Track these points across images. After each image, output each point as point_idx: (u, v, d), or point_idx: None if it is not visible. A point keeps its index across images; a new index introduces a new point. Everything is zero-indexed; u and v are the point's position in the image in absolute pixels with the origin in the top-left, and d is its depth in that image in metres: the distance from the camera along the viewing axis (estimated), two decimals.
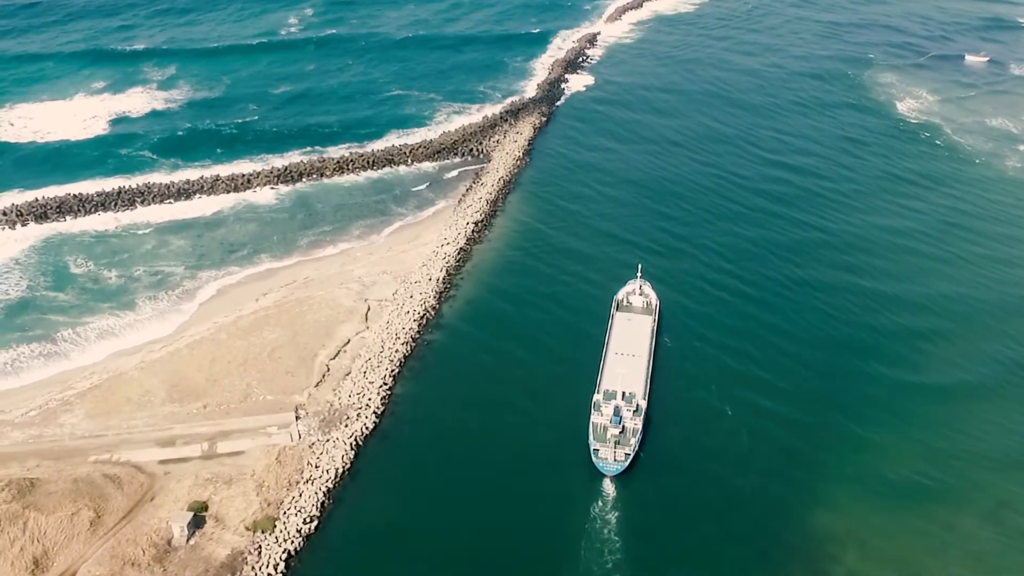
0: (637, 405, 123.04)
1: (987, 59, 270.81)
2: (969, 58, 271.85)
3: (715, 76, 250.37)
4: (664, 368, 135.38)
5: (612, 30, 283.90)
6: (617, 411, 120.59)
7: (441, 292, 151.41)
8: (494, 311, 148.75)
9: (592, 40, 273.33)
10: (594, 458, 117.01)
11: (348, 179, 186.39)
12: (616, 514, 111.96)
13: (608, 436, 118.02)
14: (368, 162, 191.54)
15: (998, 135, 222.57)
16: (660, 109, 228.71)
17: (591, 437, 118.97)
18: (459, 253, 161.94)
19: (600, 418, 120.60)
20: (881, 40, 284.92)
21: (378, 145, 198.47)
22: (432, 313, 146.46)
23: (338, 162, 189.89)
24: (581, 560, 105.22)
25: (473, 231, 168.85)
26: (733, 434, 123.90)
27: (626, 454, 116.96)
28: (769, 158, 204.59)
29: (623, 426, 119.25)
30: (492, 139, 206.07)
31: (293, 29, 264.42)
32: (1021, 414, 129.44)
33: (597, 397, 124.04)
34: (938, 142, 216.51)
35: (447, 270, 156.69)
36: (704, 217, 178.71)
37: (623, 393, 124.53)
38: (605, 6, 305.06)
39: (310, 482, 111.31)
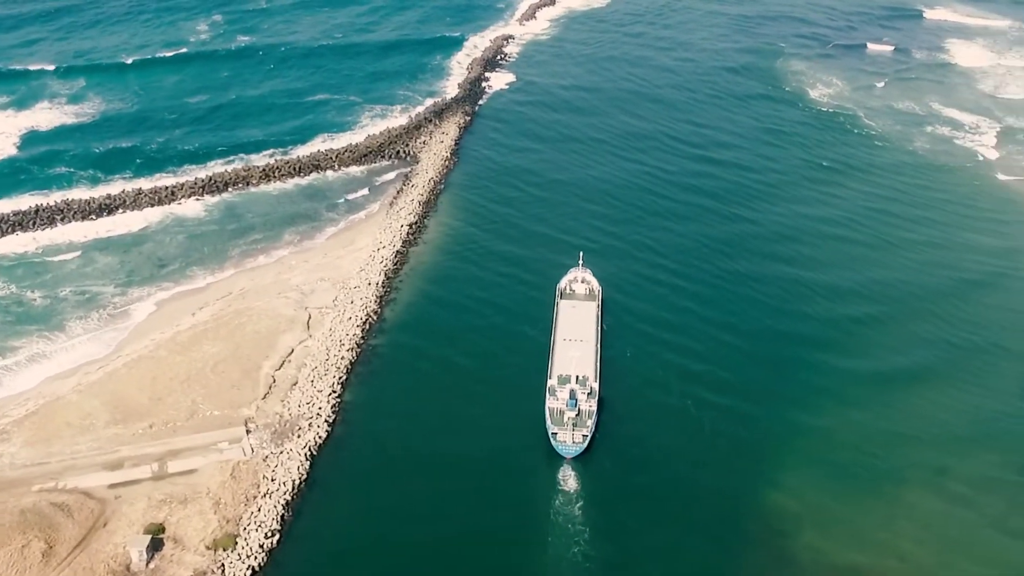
0: (591, 388, 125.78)
1: (892, 47, 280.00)
2: (872, 46, 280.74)
3: (632, 73, 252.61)
4: (611, 353, 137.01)
5: (528, 28, 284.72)
6: (572, 394, 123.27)
7: (382, 296, 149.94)
8: (437, 312, 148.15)
9: (509, 38, 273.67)
10: (553, 441, 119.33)
11: (276, 187, 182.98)
12: (579, 493, 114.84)
13: (565, 419, 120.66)
14: (295, 169, 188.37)
15: (906, 119, 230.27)
16: (581, 107, 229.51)
17: (548, 421, 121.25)
18: (396, 256, 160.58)
19: (556, 402, 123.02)
20: (789, 31, 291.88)
21: (303, 151, 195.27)
22: (375, 318, 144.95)
23: (264, 170, 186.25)
24: (550, 542, 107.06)
25: (408, 233, 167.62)
26: (683, 414, 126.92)
27: (584, 436, 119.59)
28: (693, 152, 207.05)
29: (579, 409, 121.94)
30: (418, 140, 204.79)
31: (204, 36, 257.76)
32: (956, 390, 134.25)
33: (551, 383, 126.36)
34: (852, 128, 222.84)
35: (386, 274, 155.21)
36: (635, 214, 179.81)
37: (576, 377, 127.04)
38: (519, 5, 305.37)
39: (268, 496, 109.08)
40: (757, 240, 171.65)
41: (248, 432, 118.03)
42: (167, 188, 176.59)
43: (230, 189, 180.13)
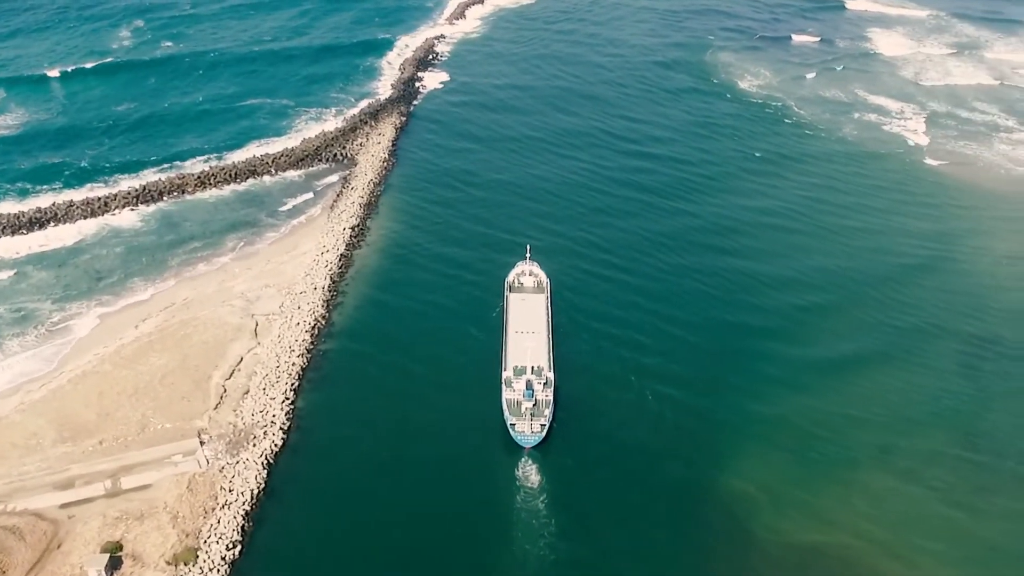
0: (547, 378, 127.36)
1: (817, 38, 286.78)
2: (797, 38, 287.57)
3: (564, 70, 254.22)
4: (562, 344, 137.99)
5: (459, 27, 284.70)
6: (529, 385, 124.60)
7: (329, 300, 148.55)
8: (385, 314, 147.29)
9: (440, 38, 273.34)
10: (511, 432, 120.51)
11: (212, 194, 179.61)
12: (541, 489, 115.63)
13: (523, 410, 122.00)
14: (231, 175, 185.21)
15: (835, 107, 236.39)
16: (515, 106, 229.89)
17: (506, 413, 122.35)
18: (341, 260, 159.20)
19: (512, 393, 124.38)
20: (715, 25, 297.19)
21: (239, 156, 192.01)
22: (323, 322, 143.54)
23: (199, 177, 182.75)
24: (516, 541, 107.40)
25: (351, 236, 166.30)
26: (638, 406, 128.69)
27: (542, 425, 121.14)
28: (629, 148, 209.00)
29: (536, 399, 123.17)
30: (355, 142, 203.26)
31: (128, 43, 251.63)
32: (901, 371, 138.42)
33: (507, 374, 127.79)
34: (783, 118, 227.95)
35: (331, 278, 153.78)
36: (576, 211, 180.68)
37: (532, 367, 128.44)
38: (448, 4, 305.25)
39: (227, 507, 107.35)
40: (699, 233, 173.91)
41: (202, 443, 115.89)
42: (100, 199, 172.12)
43: (165, 198, 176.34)
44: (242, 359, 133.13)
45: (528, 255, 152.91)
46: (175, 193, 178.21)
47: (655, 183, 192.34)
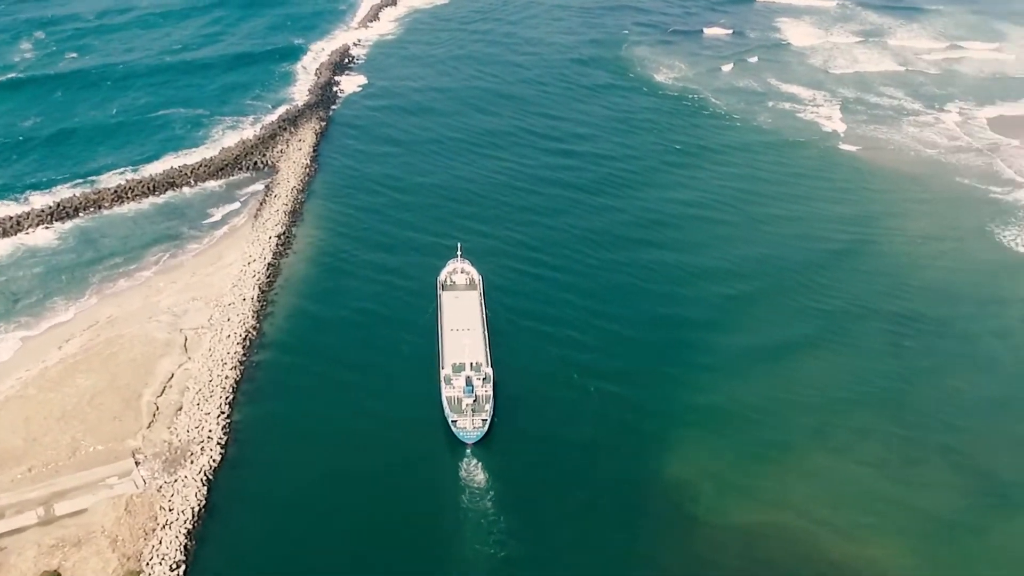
0: (485, 374, 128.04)
1: (729, 31, 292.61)
2: (709, 31, 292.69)
3: (483, 70, 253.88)
4: (498, 342, 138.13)
5: (373, 30, 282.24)
6: (468, 381, 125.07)
7: (259, 311, 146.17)
8: (316, 322, 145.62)
9: (355, 42, 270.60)
10: (453, 428, 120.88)
11: (130, 208, 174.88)
12: (485, 480, 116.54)
13: (463, 406, 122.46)
14: (149, 188, 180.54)
15: (750, 97, 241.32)
16: (435, 108, 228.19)
17: (447, 410, 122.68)
18: (268, 269, 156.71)
19: (452, 391, 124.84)
20: (629, 20, 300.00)
21: (155, 168, 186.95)
22: (254, 333, 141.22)
23: (115, 191, 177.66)
24: (464, 543, 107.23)
25: (278, 245, 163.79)
26: (577, 403, 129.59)
27: (483, 420, 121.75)
28: (552, 146, 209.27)
29: (476, 394, 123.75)
30: (275, 150, 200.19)
31: (29, 57, 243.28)
32: (831, 354, 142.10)
33: (446, 372, 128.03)
34: (700, 110, 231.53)
35: (260, 288, 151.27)
36: (503, 211, 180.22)
37: (470, 364, 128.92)
38: (360, 6, 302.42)
39: (167, 527, 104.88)
40: (626, 227, 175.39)
41: (137, 464, 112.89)
42: (12, 218, 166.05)
43: (81, 214, 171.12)
44: (173, 375, 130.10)
45: (459, 253, 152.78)
46: (91, 209, 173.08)
47: (580, 180, 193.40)
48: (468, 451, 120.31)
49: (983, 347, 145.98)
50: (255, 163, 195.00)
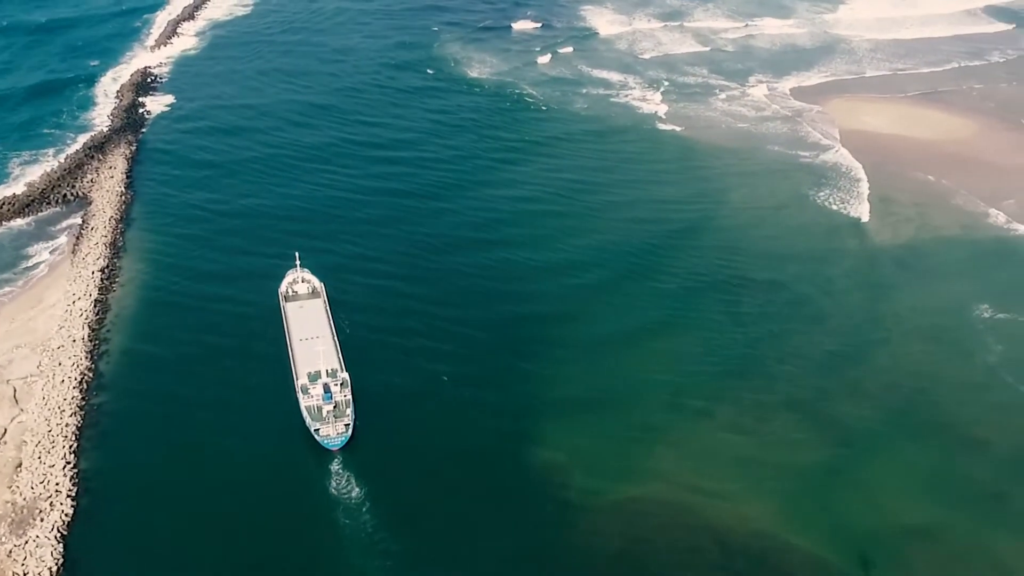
0: (342, 379, 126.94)
1: (538, 24, 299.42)
2: (517, 25, 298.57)
3: (295, 83, 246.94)
4: (350, 355, 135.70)
5: (175, 46, 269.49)
6: (327, 388, 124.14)
7: (92, 351, 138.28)
8: (155, 356, 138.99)
9: (158, 62, 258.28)
10: (316, 437, 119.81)
11: None
12: (358, 491, 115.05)
13: (324, 413, 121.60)
14: None
15: (565, 87, 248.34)
16: (249, 126, 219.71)
17: (308, 420, 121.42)
18: (96, 306, 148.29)
19: (311, 400, 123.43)
20: (436, 20, 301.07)
21: None
22: (91, 375, 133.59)
23: None
24: (346, 548, 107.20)
25: (102, 279, 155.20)
26: (436, 404, 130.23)
27: (346, 425, 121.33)
28: (376, 154, 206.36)
29: (335, 400, 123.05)
30: (85, 179, 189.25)
31: None
32: (685, 332, 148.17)
33: (302, 382, 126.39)
34: (519, 103, 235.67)
35: (89, 327, 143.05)
36: (337, 224, 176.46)
37: (326, 371, 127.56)
38: (156, 22, 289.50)
39: None
40: (463, 228, 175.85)
41: None
42: None
43: None
44: (6, 430, 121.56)
45: (297, 263, 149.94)
46: None
47: (410, 186, 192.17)
48: (335, 458, 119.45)
49: (812, 304, 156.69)
50: (64, 196, 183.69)
